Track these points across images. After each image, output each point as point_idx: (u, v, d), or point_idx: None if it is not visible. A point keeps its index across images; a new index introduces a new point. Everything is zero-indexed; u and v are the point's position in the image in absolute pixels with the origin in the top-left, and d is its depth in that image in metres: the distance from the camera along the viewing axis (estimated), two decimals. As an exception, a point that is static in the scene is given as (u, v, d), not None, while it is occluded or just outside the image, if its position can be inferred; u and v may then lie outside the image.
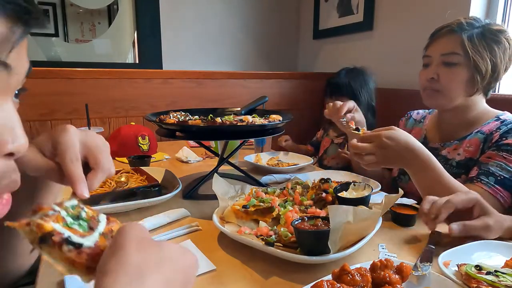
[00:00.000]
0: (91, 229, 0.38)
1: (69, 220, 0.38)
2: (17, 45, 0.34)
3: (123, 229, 0.36)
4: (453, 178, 0.87)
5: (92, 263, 0.35)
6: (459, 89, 1.04)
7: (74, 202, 0.41)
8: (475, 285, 0.53)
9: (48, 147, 0.48)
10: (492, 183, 0.92)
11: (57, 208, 0.38)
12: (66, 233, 0.35)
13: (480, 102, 1.10)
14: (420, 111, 1.34)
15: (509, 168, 0.93)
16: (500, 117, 1.06)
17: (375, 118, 1.76)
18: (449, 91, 1.05)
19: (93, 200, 0.91)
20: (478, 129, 1.07)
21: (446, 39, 1.06)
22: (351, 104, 1.14)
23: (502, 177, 0.92)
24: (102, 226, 0.40)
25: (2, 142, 0.34)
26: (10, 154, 0.35)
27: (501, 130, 1.00)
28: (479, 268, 0.57)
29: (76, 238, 0.35)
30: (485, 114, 1.09)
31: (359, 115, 1.15)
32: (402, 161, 0.87)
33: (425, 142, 1.19)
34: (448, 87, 1.05)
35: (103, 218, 0.41)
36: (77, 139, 0.48)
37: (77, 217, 0.39)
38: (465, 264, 0.59)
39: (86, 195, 0.45)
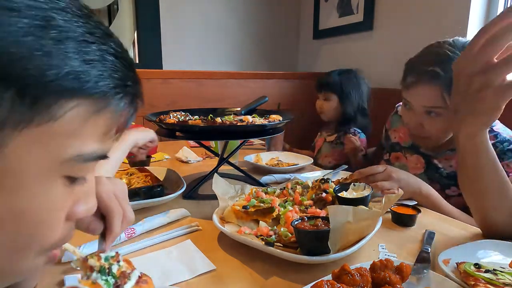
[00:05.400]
0: (117, 287, 0.38)
1: (94, 276, 0.38)
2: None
3: None
4: (450, 206, 0.92)
5: None
6: (443, 134, 1.04)
7: (112, 253, 0.42)
8: (472, 283, 0.53)
9: None
10: None
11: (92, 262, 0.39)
12: None
13: None
14: None
15: None
16: (493, 128, 1.03)
17: (367, 119, 1.84)
18: (436, 137, 1.05)
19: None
20: None
21: (426, 90, 0.99)
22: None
23: None
24: (129, 286, 0.39)
25: (79, 211, 0.35)
26: None
27: (497, 149, 0.96)
28: (478, 266, 0.57)
29: None
30: None
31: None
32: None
33: (415, 146, 1.19)
34: (434, 134, 1.04)
35: (135, 275, 0.41)
36: (111, 191, 0.48)
37: (107, 272, 0.39)
38: (464, 263, 0.59)
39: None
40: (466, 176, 0.72)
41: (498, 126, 1.04)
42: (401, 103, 1.34)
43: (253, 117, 1.08)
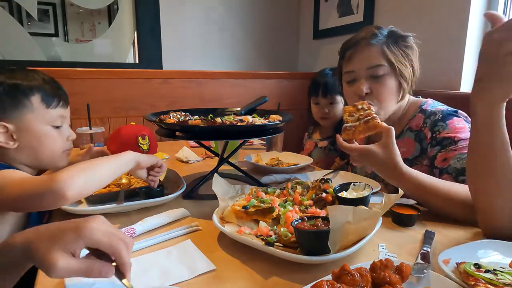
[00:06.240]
0: None
1: None
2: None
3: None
4: (436, 179, 0.87)
5: None
6: (391, 98, 1.07)
7: None
8: (472, 283, 0.53)
9: (79, 247, 0.47)
10: None
11: None
12: None
13: (405, 100, 1.13)
14: None
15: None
16: (423, 107, 1.09)
17: None
18: (383, 102, 1.06)
19: (99, 200, 0.92)
20: (408, 126, 1.09)
21: (367, 53, 1.06)
22: None
23: None
24: None
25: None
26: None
27: (427, 125, 1.04)
28: (478, 266, 0.57)
29: None
30: (410, 105, 1.13)
31: None
32: (380, 173, 0.90)
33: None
34: (382, 99, 1.05)
35: None
36: (101, 229, 0.49)
37: None
38: (464, 263, 0.59)
39: None
40: (478, 154, 0.72)
41: (428, 103, 1.10)
42: None
43: (253, 117, 1.08)
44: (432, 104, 1.09)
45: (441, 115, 1.02)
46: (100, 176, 0.77)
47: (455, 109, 1.04)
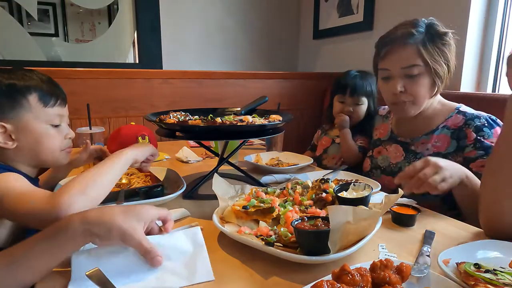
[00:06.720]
0: None
1: None
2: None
3: None
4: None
5: None
6: (425, 96, 1.10)
7: None
8: (472, 283, 0.53)
9: (148, 222, 0.66)
10: None
11: None
12: None
13: (436, 97, 1.15)
14: (386, 106, 1.39)
15: None
16: (460, 109, 1.12)
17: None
18: (418, 100, 1.10)
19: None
20: (443, 124, 1.12)
21: (402, 52, 1.07)
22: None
23: None
24: None
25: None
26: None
27: (470, 126, 1.06)
28: (478, 266, 0.57)
29: None
30: (443, 106, 1.16)
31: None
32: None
33: (393, 137, 1.25)
34: (416, 97, 1.09)
35: None
36: (153, 215, 0.67)
37: None
38: (464, 263, 0.59)
39: None
40: (499, 153, 0.73)
41: (464, 106, 1.14)
42: (378, 107, 1.41)
43: (253, 117, 1.08)
44: (469, 108, 1.12)
45: (486, 122, 1.05)
46: (104, 186, 0.78)
47: (495, 117, 1.07)
